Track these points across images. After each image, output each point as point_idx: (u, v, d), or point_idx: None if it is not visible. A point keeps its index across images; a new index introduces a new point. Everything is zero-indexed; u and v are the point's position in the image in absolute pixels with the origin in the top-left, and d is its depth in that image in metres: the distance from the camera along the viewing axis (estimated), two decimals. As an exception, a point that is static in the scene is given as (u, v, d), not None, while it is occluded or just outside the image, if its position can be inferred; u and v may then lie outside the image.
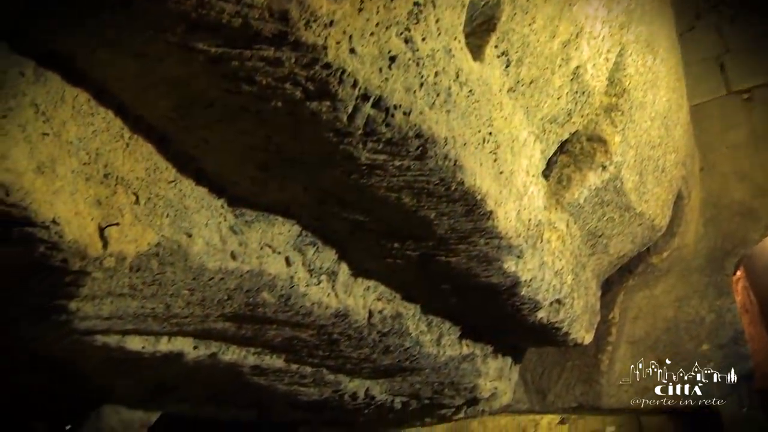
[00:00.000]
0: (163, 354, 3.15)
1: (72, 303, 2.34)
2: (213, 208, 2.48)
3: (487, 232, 3.02)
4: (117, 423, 4.23)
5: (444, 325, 4.21)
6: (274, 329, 3.17)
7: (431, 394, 5.13)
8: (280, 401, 4.67)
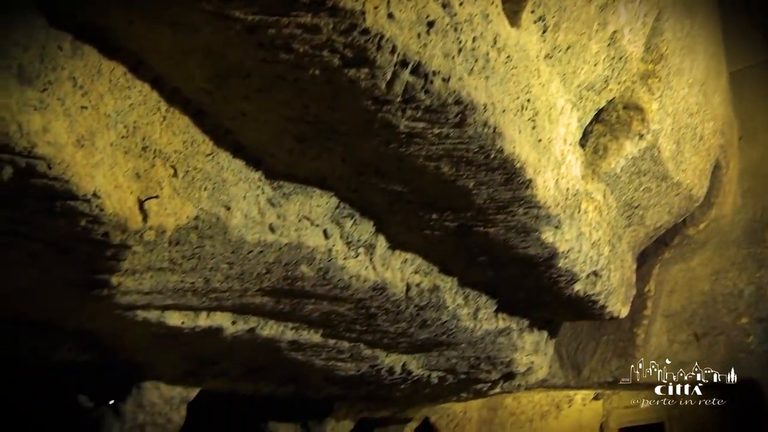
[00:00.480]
0: (202, 329, 3.16)
1: (113, 277, 2.35)
2: (251, 181, 2.47)
3: (526, 202, 2.97)
4: (158, 398, 4.27)
5: (481, 299, 4.18)
6: (312, 303, 3.17)
7: (467, 368, 5.11)
8: (317, 376, 4.68)
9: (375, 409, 7.00)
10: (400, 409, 7.52)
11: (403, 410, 7.66)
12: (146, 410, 4.26)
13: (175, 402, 4.41)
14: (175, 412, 4.45)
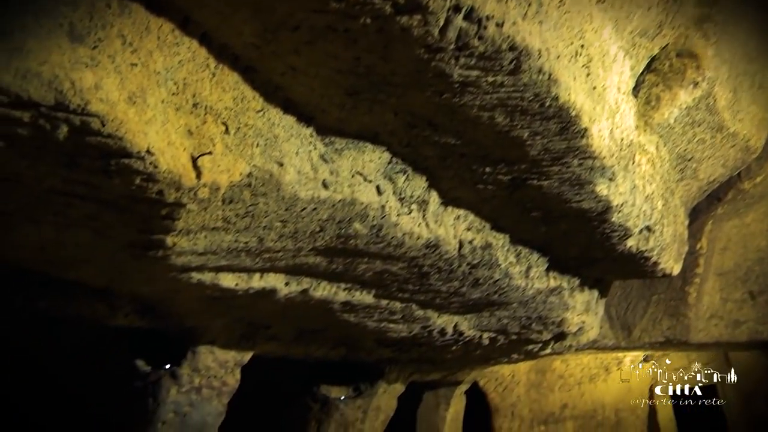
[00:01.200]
0: (256, 291, 3.16)
1: (168, 238, 2.35)
2: (302, 137, 2.44)
3: (581, 152, 2.89)
4: (212, 362, 4.33)
5: (532, 257, 4.12)
6: (365, 263, 3.15)
7: (519, 329, 5.07)
8: (369, 339, 4.69)
9: (425, 372, 7.01)
10: (450, 372, 7.53)
11: (453, 373, 7.67)
12: (202, 374, 4.33)
13: (230, 365, 4.46)
14: (230, 375, 4.51)
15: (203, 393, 4.39)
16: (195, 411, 4.38)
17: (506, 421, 12.57)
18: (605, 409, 13.03)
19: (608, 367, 12.67)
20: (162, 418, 4.24)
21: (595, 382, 12.80)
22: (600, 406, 12.93)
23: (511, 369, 11.70)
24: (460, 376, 7.97)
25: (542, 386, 12.65)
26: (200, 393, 4.37)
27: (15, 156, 1.93)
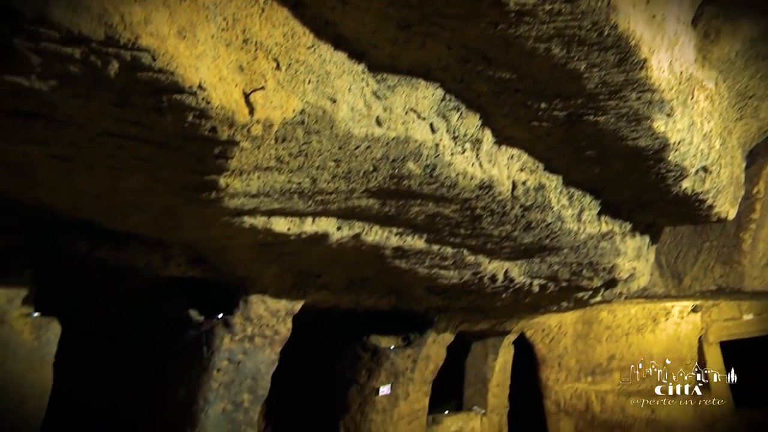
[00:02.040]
0: (308, 236, 3.15)
1: (221, 178, 2.33)
2: (354, 74, 2.38)
3: (640, 85, 2.78)
4: (264, 311, 4.37)
5: (585, 199, 4.02)
6: (417, 205, 3.10)
7: (569, 275, 5.00)
8: (419, 286, 4.68)
9: (474, 322, 7.01)
10: (498, 322, 7.51)
11: (502, 323, 7.65)
12: (254, 323, 4.37)
13: (281, 314, 4.50)
14: (281, 324, 4.55)
15: (256, 342, 4.44)
16: (248, 359, 4.45)
17: (553, 372, 12.58)
18: (653, 360, 12.90)
19: (656, 317, 12.52)
20: (216, 365, 4.31)
21: (643, 333, 12.67)
22: (648, 357, 12.80)
23: (558, 320, 11.65)
24: (508, 325, 7.96)
25: (589, 337, 12.59)
26: (253, 341, 4.43)
27: (67, 96, 1.91)
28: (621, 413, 12.61)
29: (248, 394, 4.54)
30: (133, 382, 5.08)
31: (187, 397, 4.44)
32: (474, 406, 8.68)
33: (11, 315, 3.36)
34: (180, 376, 4.54)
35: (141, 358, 5.00)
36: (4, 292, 3.32)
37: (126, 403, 5.14)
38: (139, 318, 4.94)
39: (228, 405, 4.44)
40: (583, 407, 12.75)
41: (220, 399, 4.39)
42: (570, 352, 12.52)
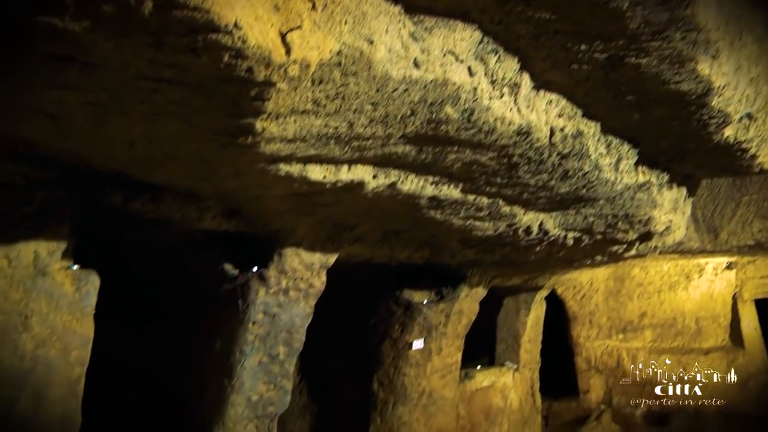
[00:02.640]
0: (344, 184, 3.13)
1: (257, 122, 2.30)
2: (391, 15, 2.32)
3: (685, 23, 2.68)
4: (299, 264, 4.39)
5: (622, 148, 3.93)
6: (454, 152, 3.06)
7: (604, 228, 4.93)
8: (453, 239, 4.65)
9: (507, 277, 6.99)
10: (531, 277, 7.48)
11: (534, 278, 7.62)
12: (289, 276, 4.39)
13: (315, 267, 4.51)
14: (315, 277, 4.56)
15: (291, 295, 4.47)
16: (283, 312, 4.48)
17: (584, 329, 12.54)
18: (685, 317, 12.79)
19: (689, 274, 12.36)
20: (252, 318, 4.35)
21: (676, 290, 12.54)
22: (680, 315, 12.70)
23: (590, 277, 11.58)
24: (540, 281, 7.93)
25: (621, 294, 12.50)
26: (288, 294, 4.46)
27: (101, 38, 1.89)
28: (652, 370, 12.58)
29: (283, 347, 4.58)
30: (170, 336, 5.16)
31: (223, 350, 4.51)
32: (506, 362, 8.70)
33: (52, 267, 3.41)
34: (216, 329, 4.59)
35: (177, 311, 5.07)
36: (44, 245, 3.36)
37: (163, 356, 5.22)
38: (174, 273, 4.99)
39: (264, 357, 4.49)
40: (614, 364, 12.74)
41: (256, 351, 4.44)
42: (601, 309, 12.46)
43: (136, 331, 5.52)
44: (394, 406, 6.56)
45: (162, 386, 5.25)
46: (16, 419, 3.28)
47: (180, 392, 4.95)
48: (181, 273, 4.91)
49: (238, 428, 4.47)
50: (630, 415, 12.49)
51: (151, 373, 5.38)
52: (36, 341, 3.32)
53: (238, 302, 4.34)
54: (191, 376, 4.82)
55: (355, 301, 6.70)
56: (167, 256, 4.87)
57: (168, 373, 5.17)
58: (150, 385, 5.35)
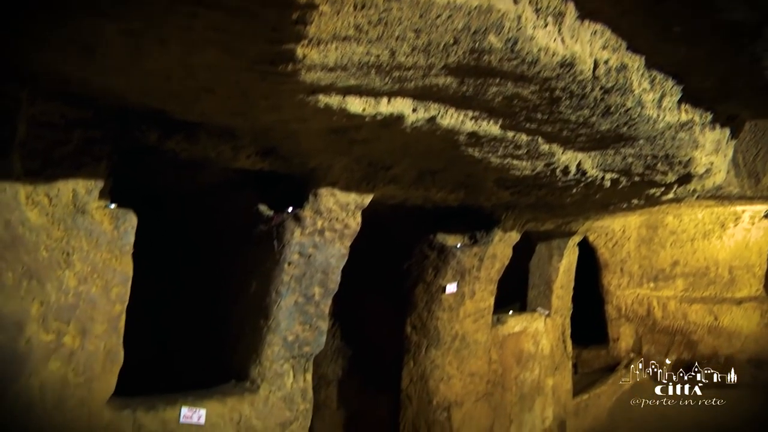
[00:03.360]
0: (383, 117, 3.07)
1: (299, 48, 2.24)
2: (429, -64, 2.23)
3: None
4: (334, 204, 4.37)
5: (667, 84, 3.81)
6: (496, 84, 2.97)
7: (643, 169, 4.83)
8: (490, 179, 4.59)
9: (541, 221, 6.93)
10: (564, 222, 7.42)
11: (568, 223, 7.55)
12: (324, 216, 4.38)
13: (351, 208, 4.49)
14: (351, 218, 4.55)
15: (326, 235, 4.47)
16: (319, 252, 4.48)
17: (615, 278, 12.50)
18: (718, 266, 12.67)
19: (724, 223, 12.18)
20: (288, 259, 4.36)
21: (710, 239, 12.39)
22: (713, 264, 12.58)
23: (622, 224, 11.47)
24: (574, 226, 7.86)
25: (653, 242, 12.40)
26: (323, 235, 4.45)
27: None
28: (683, 320, 12.54)
29: (319, 288, 4.60)
30: (205, 278, 5.21)
31: (259, 291, 4.53)
32: (538, 308, 8.71)
33: (91, 206, 3.42)
34: (251, 270, 4.62)
35: (212, 253, 5.11)
36: (83, 184, 3.37)
37: (199, 298, 5.29)
38: (209, 215, 5.02)
39: (299, 298, 4.51)
40: (645, 313, 12.72)
41: (292, 292, 4.46)
42: (633, 257, 12.38)
43: (171, 274, 5.59)
44: (426, 350, 6.62)
45: (198, 328, 5.34)
46: (65, 352, 3.34)
47: (216, 333, 5.02)
48: (216, 215, 4.93)
49: (274, 368, 4.53)
50: (659, 364, 12.51)
51: (187, 315, 5.46)
52: (78, 278, 3.36)
53: (273, 243, 4.35)
54: (227, 317, 4.87)
55: (389, 245, 6.71)
56: (202, 198, 4.89)
57: (204, 315, 5.23)
58: (186, 327, 5.44)
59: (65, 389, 3.39)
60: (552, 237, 8.56)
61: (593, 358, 12.90)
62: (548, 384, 8.67)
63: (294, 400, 4.70)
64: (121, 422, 3.83)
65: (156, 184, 4.74)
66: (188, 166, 4.23)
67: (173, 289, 5.64)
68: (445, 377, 6.66)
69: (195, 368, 5.14)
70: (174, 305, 5.65)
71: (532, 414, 8.27)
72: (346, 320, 7.13)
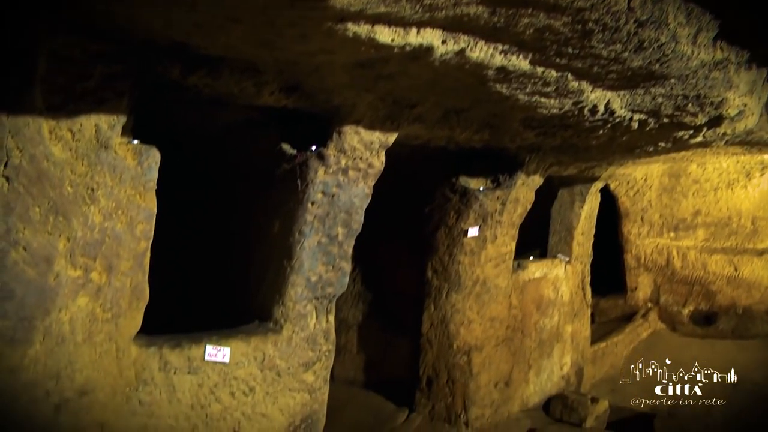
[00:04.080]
0: (412, 49, 2.99)
1: (330, -30, 2.18)
2: None
3: None
4: (358, 143, 4.31)
5: (703, 19, 3.67)
6: (527, 15, 2.87)
7: (672, 110, 4.71)
8: (516, 118, 4.51)
9: (564, 165, 6.84)
10: (588, 167, 7.33)
11: (591, 168, 7.46)
12: (348, 155, 4.33)
13: (375, 147, 4.43)
14: (375, 157, 4.50)
15: (350, 174, 4.42)
16: (342, 192, 4.44)
17: (635, 226, 12.41)
18: (741, 216, 12.49)
19: (750, 172, 11.97)
20: (311, 198, 4.33)
21: (734, 189, 12.20)
22: (736, 214, 12.39)
23: (644, 172, 11.33)
24: (597, 171, 7.76)
25: (675, 191, 12.25)
26: (347, 174, 4.41)
27: None
28: (702, 270, 12.43)
29: (342, 228, 4.58)
30: (227, 220, 5.20)
31: (282, 231, 4.52)
32: (559, 254, 8.67)
33: (114, 141, 3.39)
34: (274, 210, 4.60)
35: (235, 193, 5.09)
36: (105, 119, 3.34)
37: (222, 238, 5.30)
38: (231, 155, 4.98)
39: (323, 238, 4.49)
40: (664, 263, 12.63)
41: (315, 232, 4.44)
42: (654, 206, 12.26)
43: (192, 217, 5.59)
44: (447, 294, 6.62)
45: (221, 270, 5.36)
46: (93, 288, 3.36)
47: (239, 275, 5.04)
48: (237, 156, 4.89)
49: (297, 308, 4.54)
50: (677, 314, 12.49)
51: (209, 258, 5.48)
52: (103, 214, 3.35)
53: (296, 182, 4.31)
54: (251, 257, 4.88)
55: (410, 188, 6.67)
56: (223, 139, 4.85)
57: (226, 257, 5.25)
58: (210, 267, 5.47)
59: (94, 324, 3.43)
60: (574, 182, 8.46)
61: (611, 307, 12.89)
62: (567, 331, 8.68)
63: (317, 340, 4.73)
64: (148, 358, 3.88)
65: (177, 126, 4.69)
66: (210, 104, 4.18)
67: (195, 231, 5.65)
68: (466, 321, 6.67)
69: (217, 310, 5.18)
70: (195, 248, 5.67)
71: (550, 360, 8.31)
72: (367, 265, 7.14)
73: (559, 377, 8.50)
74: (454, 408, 6.76)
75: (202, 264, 5.60)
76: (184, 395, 4.04)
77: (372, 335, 7.51)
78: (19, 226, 3.00)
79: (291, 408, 4.64)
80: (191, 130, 4.88)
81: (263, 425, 4.49)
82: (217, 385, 4.19)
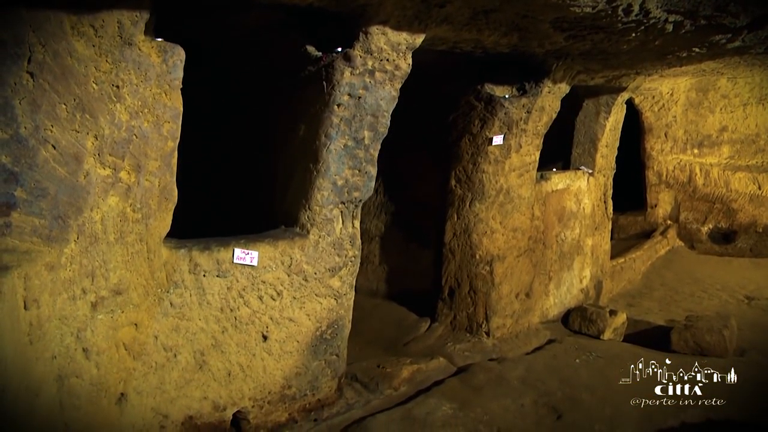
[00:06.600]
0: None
1: None
2: None
3: None
4: (384, 44, 4.19)
5: None
6: None
7: (711, 11, 4.49)
8: (547, 19, 4.36)
9: (592, 73, 6.67)
10: (615, 76, 7.14)
11: (619, 77, 7.28)
12: (374, 56, 4.22)
13: (402, 48, 4.32)
14: (401, 59, 4.39)
15: (376, 76, 4.33)
16: (369, 94, 4.36)
17: (658, 142, 12.24)
18: (771, 134, 12.17)
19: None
20: (337, 100, 4.25)
21: (765, 104, 11.90)
22: (764, 131, 12.11)
23: (671, 87, 11.07)
24: (624, 81, 7.58)
25: (702, 106, 12.00)
26: (373, 76, 4.31)
27: None
28: (725, 188, 12.28)
29: (368, 131, 4.51)
30: (254, 122, 5.16)
31: (308, 134, 4.47)
32: (582, 166, 8.58)
33: (137, 38, 3.31)
34: (299, 113, 4.53)
35: (259, 97, 5.02)
36: (127, 15, 3.24)
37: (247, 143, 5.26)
38: (254, 60, 4.88)
39: (349, 141, 4.44)
40: (685, 180, 12.48)
41: (341, 135, 4.39)
42: (679, 121, 12.04)
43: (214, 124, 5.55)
44: (471, 203, 6.58)
45: (245, 176, 5.35)
46: (122, 188, 3.36)
47: (264, 180, 5.02)
48: (260, 60, 4.79)
49: (324, 213, 4.53)
50: (695, 231, 12.43)
51: (236, 162, 5.47)
52: (129, 112, 3.31)
53: (322, 84, 4.22)
54: (277, 161, 4.85)
55: (434, 97, 6.55)
56: (248, 40, 4.74)
57: (254, 160, 5.22)
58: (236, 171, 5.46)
59: (125, 224, 3.44)
60: (600, 93, 8.27)
61: (630, 224, 12.85)
62: (588, 244, 8.66)
63: (343, 246, 4.74)
64: (178, 260, 3.91)
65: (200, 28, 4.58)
66: (233, 6, 4.07)
67: (218, 139, 5.62)
68: (489, 231, 6.65)
69: (243, 216, 5.19)
70: (218, 155, 5.65)
71: (570, 272, 8.32)
72: (389, 176, 7.09)
73: (578, 290, 8.54)
74: (476, 318, 6.81)
75: (228, 171, 5.59)
76: (213, 298, 4.09)
77: (395, 246, 7.53)
78: (47, 124, 2.98)
79: (317, 313, 4.70)
80: (215, 33, 4.76)
81: (291, 330, 4.56)
82: (246, 288, 4.24)
